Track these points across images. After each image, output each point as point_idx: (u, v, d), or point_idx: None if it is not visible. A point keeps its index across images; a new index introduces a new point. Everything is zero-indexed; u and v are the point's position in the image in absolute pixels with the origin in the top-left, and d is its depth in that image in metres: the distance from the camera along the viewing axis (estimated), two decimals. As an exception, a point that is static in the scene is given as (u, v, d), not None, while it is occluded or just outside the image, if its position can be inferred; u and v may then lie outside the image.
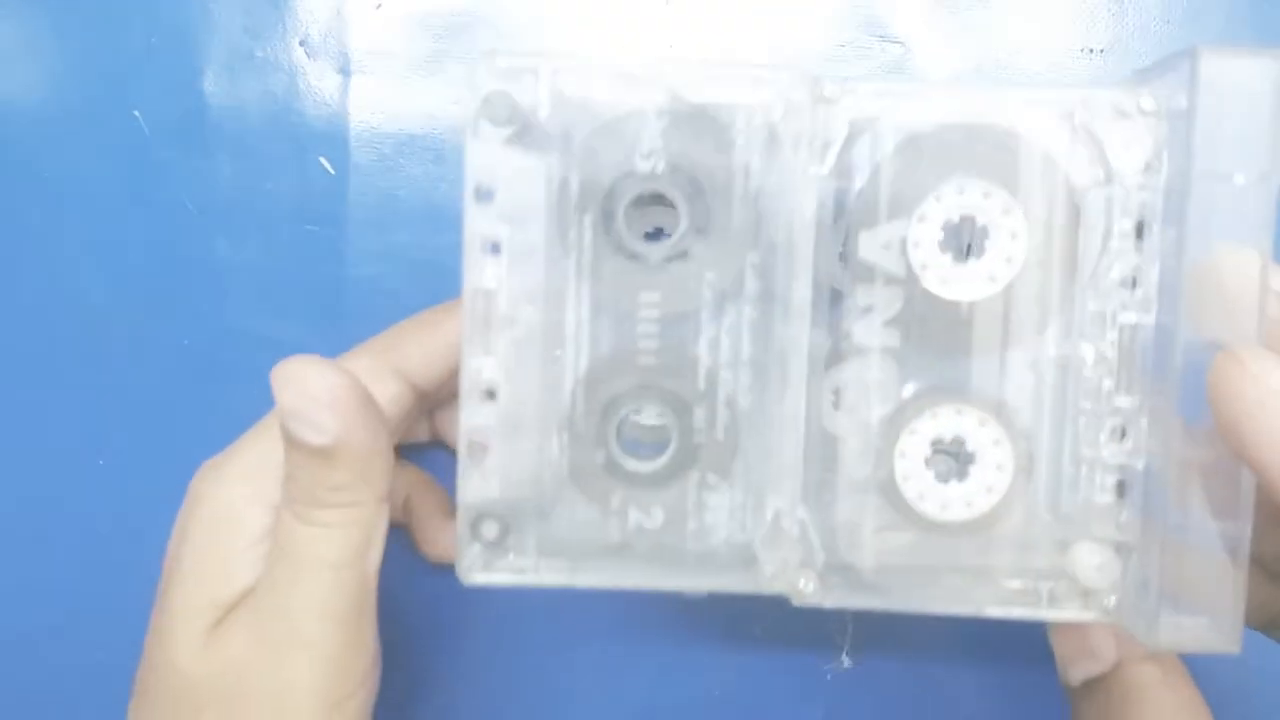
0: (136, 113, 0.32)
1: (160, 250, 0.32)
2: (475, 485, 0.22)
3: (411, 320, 0.28)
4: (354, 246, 0.32)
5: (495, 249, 0.21)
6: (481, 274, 0.21)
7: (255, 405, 0.26)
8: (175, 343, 0.32)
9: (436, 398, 0.29)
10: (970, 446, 0.21)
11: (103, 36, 0.32)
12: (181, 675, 0.25)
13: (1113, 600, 0.21)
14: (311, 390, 0.22)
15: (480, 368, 0.22)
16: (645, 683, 0.31)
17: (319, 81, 0.32)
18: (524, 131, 0.21)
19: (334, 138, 0.32)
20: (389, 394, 0.27)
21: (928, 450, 0.21)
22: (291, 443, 0.23)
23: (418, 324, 0.28)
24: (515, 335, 0.22)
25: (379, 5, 0.32)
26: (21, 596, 0.33)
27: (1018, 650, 0.30)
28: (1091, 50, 0.31)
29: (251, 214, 0.32)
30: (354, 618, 0.24)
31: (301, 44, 0.32)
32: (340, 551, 0.24)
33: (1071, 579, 0.22)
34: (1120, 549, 0.21)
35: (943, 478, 0.22)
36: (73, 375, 0.33)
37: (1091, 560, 0.21)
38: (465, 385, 0.22)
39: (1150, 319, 0.21)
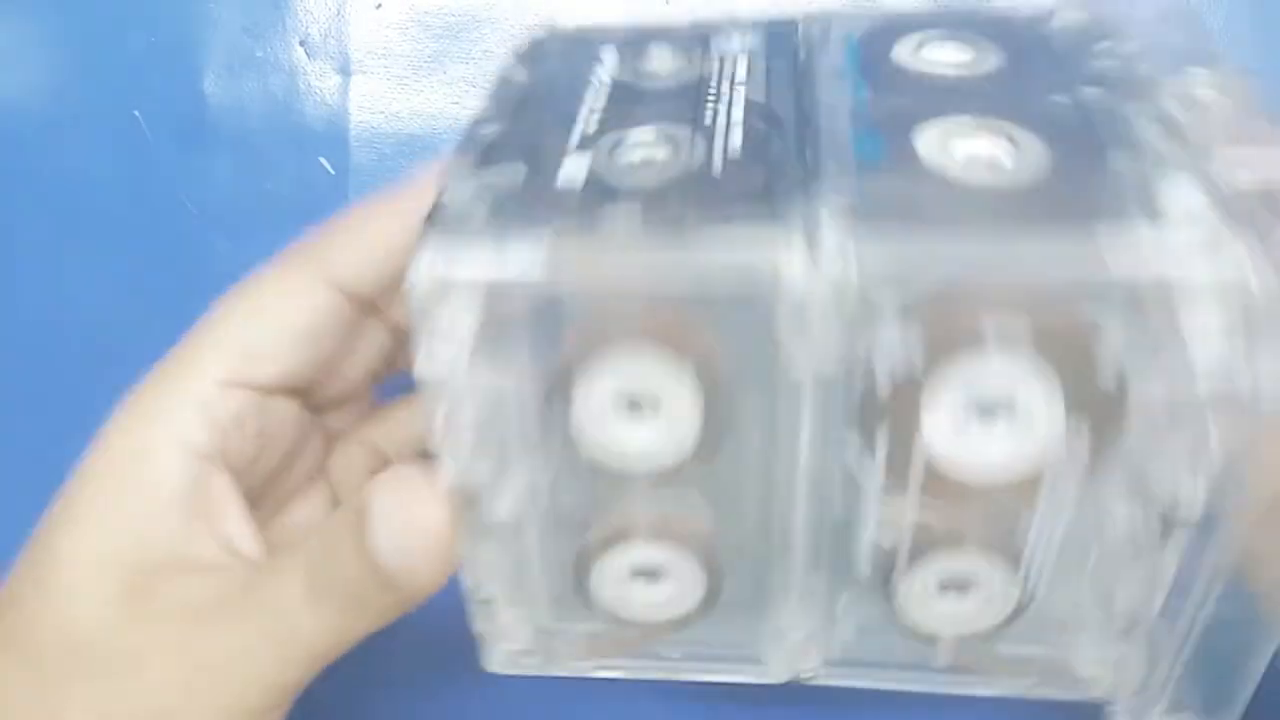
0: (136, 113, 0.32)
1: (160, 250, 0.32)
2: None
3: (336, 223, 0.25)
4: (354, 247, 0.32)
5: None
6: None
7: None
8: (175, 343, 0.32)
9: (389, 305, 0.26)
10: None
11: (103, 36, 0.32)
12: (81, 634, 0.21)
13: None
14: (418, 528, 0.19)
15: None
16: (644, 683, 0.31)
17: (319, 81, 0.32)
18: None
19: (334, 138, 0.32)
20: (318, 305, 0.24)
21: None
22: (372, 562, 0.20)
23: (343, 227, 0.24)
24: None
25: (379, 5, 0.32)
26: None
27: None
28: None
29: (251, 214, 0.32)
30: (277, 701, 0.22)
31: (301, 44, 0.32)
32: (320, 649, 0.21)
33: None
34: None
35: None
36: (72, 376, 0.32)
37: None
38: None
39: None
